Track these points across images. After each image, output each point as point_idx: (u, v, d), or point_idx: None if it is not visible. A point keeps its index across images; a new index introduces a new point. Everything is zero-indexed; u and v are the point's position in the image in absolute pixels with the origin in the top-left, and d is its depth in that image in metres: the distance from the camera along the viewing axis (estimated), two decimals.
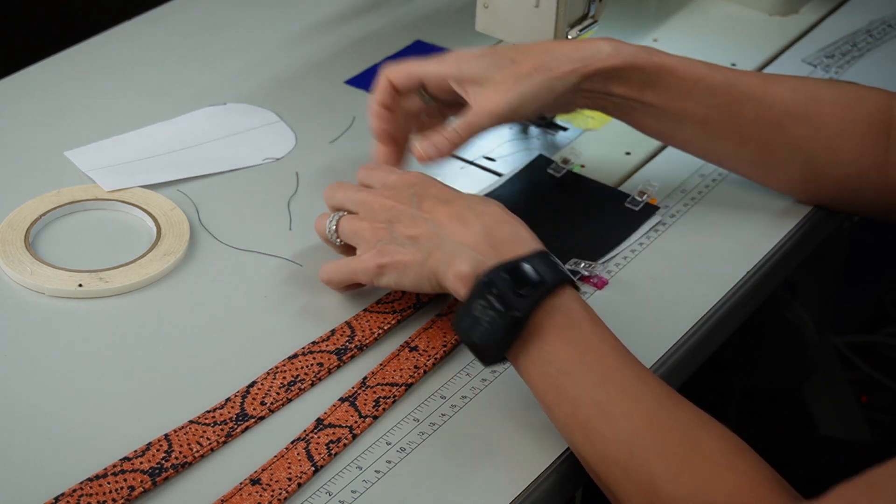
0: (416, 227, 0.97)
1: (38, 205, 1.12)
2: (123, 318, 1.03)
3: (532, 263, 0.91)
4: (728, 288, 1.07)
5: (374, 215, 1.00)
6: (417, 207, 0.98)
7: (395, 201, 1.00)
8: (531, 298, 0.90)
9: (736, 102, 1.08)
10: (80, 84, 1.31)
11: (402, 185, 1.01)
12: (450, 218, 0.96)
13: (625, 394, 0.87)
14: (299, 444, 0.91)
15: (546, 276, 0.91)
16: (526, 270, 0.91)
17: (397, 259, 0.97)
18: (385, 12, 1.44)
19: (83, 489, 0.87)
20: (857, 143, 1.07)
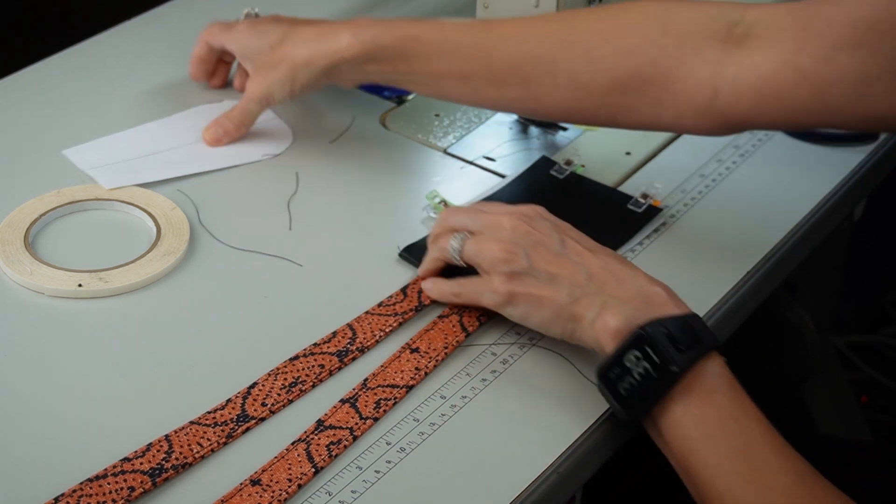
0: (562, 267, 0.96)
1: (38, 205, 1.12)
2: (123, 318, 1.02)
3: (690, 322, 0.91)
4: (728, 288, 1.07)
5: (506, 237, 0.98)
6: (562, 245, 0.97)
7: (533, 228, 0.98)
8: (689, 355, 0.89)
9: (486, 53, 1.08)
10: (80, 84, 1.31)
11: (535, 216, 0.99)
12: (603, 269, 0.95)
13: (766, 466, 0.86)
14: (300, 445, 0.91)
15: (703, 336, 0.90)
16: (685, 328, 0.90)
17: (533, 292, 0.96)
18: (385, 12, 1.44)
19: (83, 489, 0.87)
20: (620, 47, 1.03)
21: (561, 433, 0.93)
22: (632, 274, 0.95)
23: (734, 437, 0.87)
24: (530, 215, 0.99)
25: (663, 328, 0.90)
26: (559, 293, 0.95)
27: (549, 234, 0.97)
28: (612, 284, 0.94)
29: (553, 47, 1.05)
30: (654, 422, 0.91)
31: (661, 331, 0.90)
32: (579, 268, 0.95)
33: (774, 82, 0.97)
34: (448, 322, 1.02)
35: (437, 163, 1.22)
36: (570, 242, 0.97)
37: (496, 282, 0.97)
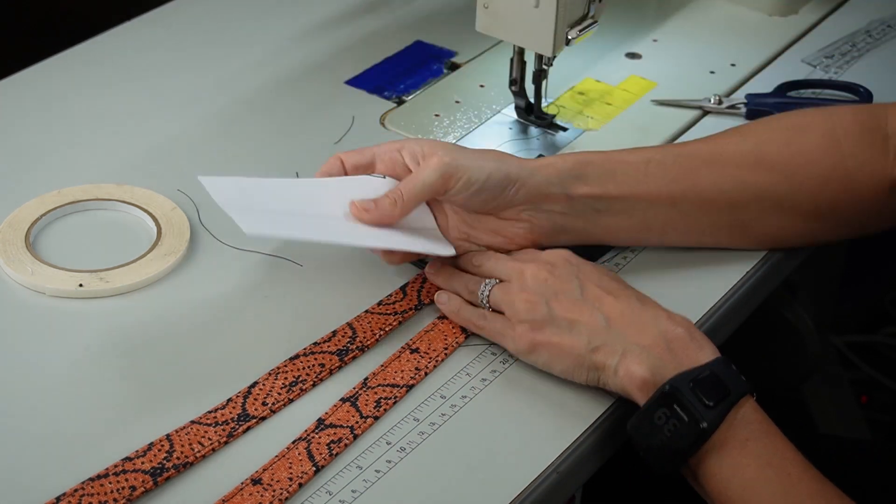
0: (580, 313, 0.95)
1: (39, 205, 1.12)
2: (123, 318, 1.03)
3: (717, 372, 0.90)
4: (728, 288, 1.07)
5: (529, 286, 0.97)
6: (581, 290, 0.96)
7: (553, 276, 0.97)
8: (719, 410, 0.88)
9: (691, 172, 1.06)
10: (81, 84, 1.31)
11: (559, 261, 0.99)
12: (622, 315, 0.94)
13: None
14: (300, 444, 0.92)
15: (732, 386, 0.89)
16: (712, 380, 0.89)
17: (554, 341, 0.95)
18: (385, 12, 1.44)
19: (84, 489, 0.87)
20: (816, 171, 1.06)
21: (561, 433, 0.93)
22: (652, 316, 0.94)
23: (772, 484, 0.87)
24: (554, 262, 0.99)
25: (690, 382, 0.89)
26: (578, 341, 0.94)
27: (570, 280, 0.97)
28: (633, 330, 0.93)
29: (754, 172, 1.06)
30: (691, 471, 0.91)
31: (687, 386, 0.89)
32: (597, 313, 0.94)
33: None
34: (448, 324, 1.02)
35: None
36: (589, 287, 0.96)
37: (519, 330, 0.97)
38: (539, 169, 1.03)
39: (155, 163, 1.20)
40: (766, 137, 1.07)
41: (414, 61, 1.36)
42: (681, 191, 1.05)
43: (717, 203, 1.06)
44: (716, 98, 1.28)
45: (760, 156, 1.06)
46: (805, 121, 1.08)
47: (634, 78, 1.34)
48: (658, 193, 1.05)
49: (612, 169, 1.05)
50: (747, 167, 1.06)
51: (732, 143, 1.07)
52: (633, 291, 0.97)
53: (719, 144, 1.08)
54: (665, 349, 0.92)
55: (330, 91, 1.31)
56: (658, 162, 1.05)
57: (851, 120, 1.07)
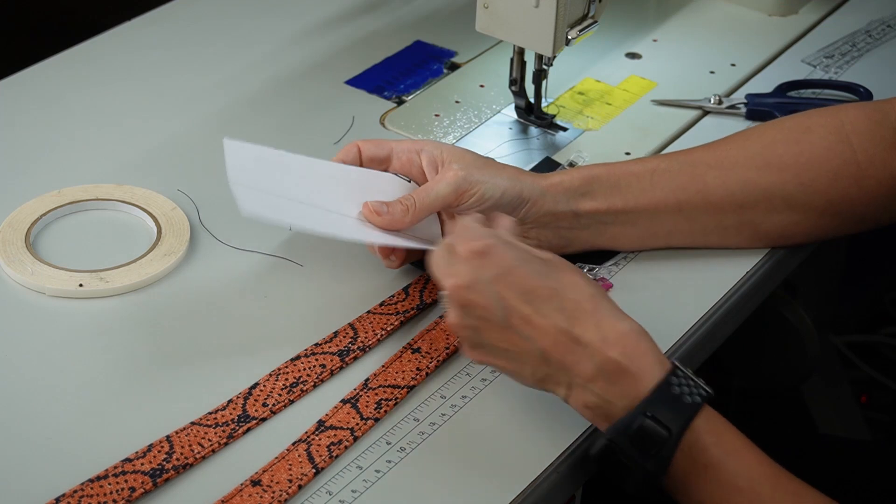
0: (513, 343, 0.90)
1: (39, 205, 1.12)
2: (123, 318, 1.03)
3: (657, 413, 0.86)
4: (728, 288, 1.07)
5: (454, 306, 0.91)
6: (504, 314, 0.89)
7: (472, 297, 0.89)
8: (660, 458, 0.86)
9: (698, 177, 1.06)
10: (81, 84, 1.31)
11: (477, 271, 0.90)
12: (556, 346, 0.88)
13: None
14: (300, 445, 0.92)
15: (672, 425, 0.86)
16: (651, 429, 0.86)
17: (498, 365, 0.92)
18: (385, 12, 1.44)
19: (84, 490, 0.87)
20: (825, 168, 1.06)
21: (561, 433, 0.93)
22: (585, 346, 0.88)
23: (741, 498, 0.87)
24: (469, 284, 0.90)
25: (626, 440, 0.86)
26: (523, 370, 0.91)
27: (490, 301, 0.89)
28: (571, 361, 0.88)
29: (762, 172, 1.06)
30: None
31: (625, 444, 0.86)
32: (531, 344, 0.89)
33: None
34: None
35: None
36: (512, 308, 0.89)
37: (466, 351, 0.93)
38: (549, 188, 1.04)
39: (155, 163, 1.20)
40: (771, 139, 1.08)
41: (414, 61, 1.36)
42: (687, 197, 1.06)
43: (725, 205, 1.06)
44: (716, 98, 1.28)
45: (768, 156, 1.07)
46: (810, 121, 1.09)
47: (634, 78, 1.34)
48: (665, 201, 1.06)
49: (617, 182, 1.05)
50: (755, 168, 1.06)
51: (737, 147, 1.08)
52: (556, 297, 0.89)
53: (724, 149, 1.08)
54: (606, 382, 0.88)
55: (330, 91, 1.31)
56: (663, 171, 1.06)
57: (858, 115, 1.08)
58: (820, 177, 1.06)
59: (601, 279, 1.07)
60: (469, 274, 0.90)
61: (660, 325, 1.03)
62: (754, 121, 1.27)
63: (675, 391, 0.87)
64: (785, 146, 1.07)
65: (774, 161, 1.06)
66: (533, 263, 0.90)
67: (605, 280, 1.07)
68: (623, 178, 1.06)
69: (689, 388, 0.87)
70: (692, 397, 0.87)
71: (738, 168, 1.06)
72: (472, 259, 0.90)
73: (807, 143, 1.07)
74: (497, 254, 0.90)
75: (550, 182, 1.04)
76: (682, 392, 0.87)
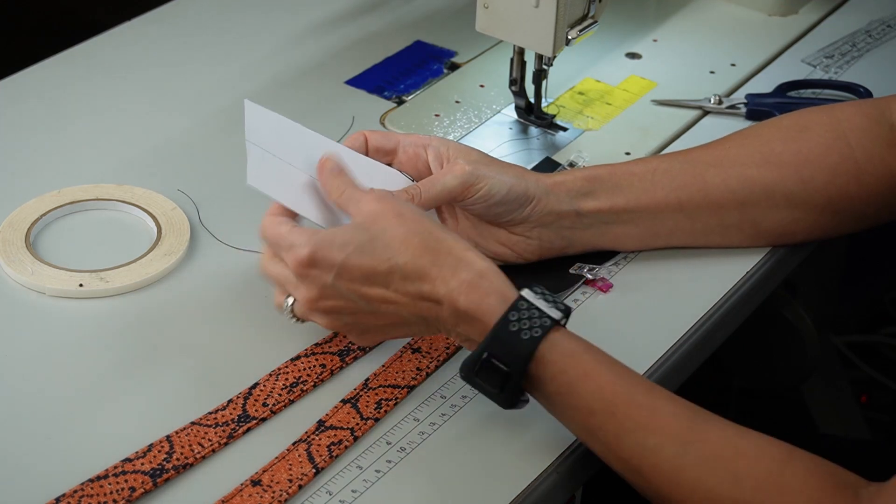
0: (387, 318, 0.93)
1: (39, 205, 1.12)
2: (123, 318, 1.03)
3: (495, 352, 0.88)
4: (728, 288, 1.07)
5: (321, 314, 0.95)
6: (365, 303, 0.92)
7: (330, 301, 0.93)
8: (508, 393, 0.89)
9: (699, 176, 1.07)
10: (81, 84, 1.31)
11: (317, 280, 0.93)
12: (416, 306, 0.92)
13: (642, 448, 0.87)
14: (301, 445, 0.92)
15: (512, 362, 0.88)
16: (492, 368, 0.89)
17: (393, 335, 0.96)
18: (385, 12, 1.44)
19: (84, 490, 0.87)
20: (823, 165, 1.07)
21: (561, 433, 0.93)
22: (439, 296, 0.90)
23: (602, 430, 0.88)
24: (319, 295, 0.93)
25: (477, 378, 0.90)
26: (411, 329, 0.94)
27: (347, 299, 0.93)
28: (435, 316, 0.91)
29: (762, 169, 1.07)
30: None
31: (477, 382, 0.90)
32: (401, 313, 0.92)
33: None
34: None
35: None
36: (368, 296, 0.92)
37: (355, 339, 0.97)
38: (553, 188, 1.04)
39: (155, 163, 1.20)
40: (769, 137, 1.08)
41: (414, 61, 1.36)
42: (688, 195, 1.06)
43: (726, 203, 1.07)
44: (716, 98, 1.28)
45: (766, 154, 1.07)
46: (807, 119, 1.09)
47: (634, 78, 1.34)
48: (666, 200, 1.06)
49: (618, 182, 1.06)
50: (754, 165, 1.07)
51: (736, 145, 1.08)
52: (394, 269, 0.91)
53: (723, 147, 1.09)
54: (465, 325, 0.90)
55: (330, 91, 1.31)
56: (664, 170, 1.06)
57: (855, 113, 1.08)
58: (819, 174, 1.07)
59: (601, 279, 1.07)
60: (312, 286, 0.93)
61: (660, 325, 1.03)
62: (754, 121, 1.27)
63: (512, 328, 0.88)
64: (783, 144, 1.07)
65: (773, 158, 1.07)
66: (358, 243, 0.92)
67: (606, 280, 1.07)
68: (624, 178, 1.06)
69: (531, 321, 0.88)
70: (531, 331, 0.88)
71: (737, 166, 1.07)
72: (305, 269, 0.92)
73: (804, 141, 1.07)
74: (322, 255, 0.92)
75: (554, 181, 1.05)
76: (521, 328, 0.88)
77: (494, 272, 0.91)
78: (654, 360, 1.00)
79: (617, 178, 1.06)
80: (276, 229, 0.95)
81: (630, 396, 0.88)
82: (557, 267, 1.07)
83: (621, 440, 0.87)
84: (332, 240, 0.92)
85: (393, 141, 1.05)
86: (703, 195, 1.06)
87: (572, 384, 0.88)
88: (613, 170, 1.07)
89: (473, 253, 0.92)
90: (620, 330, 1.03)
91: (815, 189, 1.07)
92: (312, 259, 0.92)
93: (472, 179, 1.01)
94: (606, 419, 0.87)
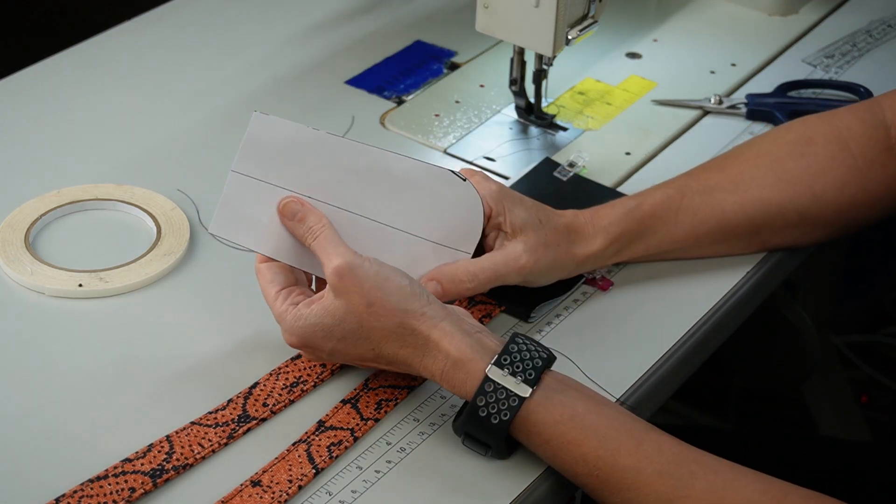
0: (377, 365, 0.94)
1: (39, 205, 1.12)
2: (123, 318, 1.03)
3: (471, 432, 0.91)
4: (728, 288, 1.07)
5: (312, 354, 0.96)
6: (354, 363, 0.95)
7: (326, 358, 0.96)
8: (497, 453, 0.91)
9: (717, 207, 1.07)
10: (80, 84, 1.31)
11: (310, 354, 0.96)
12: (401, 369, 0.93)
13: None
14: (300, 446, 0.91)
15: (491, 441, 0.90)
16: (473, 441, 0.91)
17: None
18: (385, 12, 1.44)
19: (84, 490, 0.87)
20: (832, 178, 1.07)
21: None
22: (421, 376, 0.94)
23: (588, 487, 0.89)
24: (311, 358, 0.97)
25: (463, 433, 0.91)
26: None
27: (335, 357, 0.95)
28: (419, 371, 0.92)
29: (776, 189, 1.07)
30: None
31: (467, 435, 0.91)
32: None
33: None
34: None
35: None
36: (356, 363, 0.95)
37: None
38: (585, 261, 1.04)
39: (155, 163, 1.20)
40: (779, 154, 1.08)
41: (414, 61, 1.36)
42: (707, 230, 1.07)
43: (741, 228, 1.07)
44: (716, 98, 1.28)
45: (780, 172, 1.07)
46: (812, 130, 1.09)
47: (634, 78, 1.34)
48: (685, 238, 1.07)
49: (643, 231, 1.06)
50: (769, 186, 1.07)
51: (750, 166, 1.08)
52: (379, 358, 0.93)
53: (738, 169, 1.08)
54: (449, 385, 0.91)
55: (330, 91, 1.31)
56: (685, 209, 1.06)
57: (852, 119, 1.09)
58: (829, 187, 1.07)
59: (601, 278, 1.07)
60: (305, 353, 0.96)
61: (660, 326, 1.03)
62: (755, 121, 1.27)
63: (481, 413, 0.89)
64: (794, 161, 1.08)
65: (786, 176, 1.07)
66: (341, 337, 0.92)
67: (606, 279, 1.07)
68: (649, 224, 1.06)
69: (499, 404, 0.89)
70: (500, 415, 0.88)
71: (752, 189, 1.07)
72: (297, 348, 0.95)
73: (812, 155, 1.08)
74: (311, 342, 0.93)
75: (587, 254, 1.04)
76: (489, 412, 0.89)
77: (470, 354, 0.90)
78: (653, 361, 1.00)
79: (643, 228, 1.06)
80: (267, 291, 0.96)
81: (614, 460, 0.87)
82: None
83: (607, 498, 0.88)
84: (315, 327, 0.92)
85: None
86: (721, 227, 1.07)
87: (555, 452, 0.89)
88: (641, 216, 1.05)
89: (449, 336, 0.91)
90: (621, 330, 1.03)
91: (826, 203, 1.07)
92: (302, 345, 0.94)
93: (532, 278, 1.01)
94: (591, 480, 0.88)
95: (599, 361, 0.94)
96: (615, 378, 0.97)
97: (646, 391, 0.98)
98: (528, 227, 1.01)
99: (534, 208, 1.02)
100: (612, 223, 1.05)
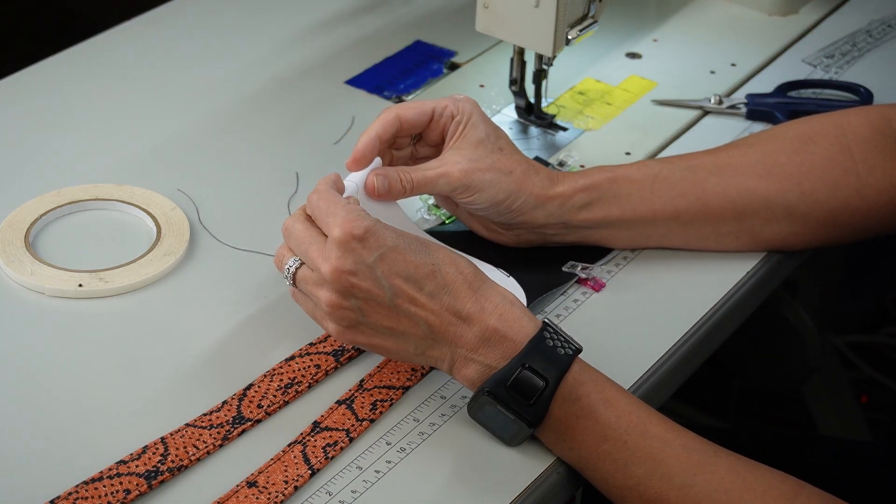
0: (398, 322, 0.92)
1: (38, 205, 1.12)
2: (123, 318, 1.03)
3: (533, 364, 0.90)
4: (728, 288, 1.07)
5: (334, 290, 0.92)
6: (392, 296, 0.91)
7: (358, 280, 0.91)
8: (538, 406, 0.90)
9: (699, 184, 1.06)
10: (80, 84, 1.31)
11: (359, 256, 0.90)
12: (440, 320, 0.92)
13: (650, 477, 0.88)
14: (296, 447, 0.91)
15: (549, 374, 0.90)
16: (528, 379, 0.90)
17: (376, 343, 0.94)
18: (385, 12, 1.44)
19: (79, 492, 0.87)
20: (825, 178, 1.07)
21: None
22: (468, 313, 0.91)
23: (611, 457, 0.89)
24: (353, 269, 0.91)
25: (505, 389, 0.90)
26: (406, 346, 0.93)
27: (377, 285, 0.91)
28: (454, 335, 0.92)
29: (763, 180, 1.07)
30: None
31: (505, 392, 0.90)
32: (417, 322, 0.92)
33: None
34: None
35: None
36: (399, 290, 0.91)
37: (331, 328, 0.94)
38: (545, 201, 1.04)
39: (155, 163, 1.20)
40: (774, 147, 1.08)
41: (414, 61, 1.36)
42: (686, 204, 1.06)
43: (724, 213, 1.07)
44: (716, 98, 1.28)
45: (769, 165, 1.07)
46: (813, 130, 1.09)
47: (634, 78, 1.34)
48: (662, 209, 1.06)
49: (616, 192, 1.05)
50: (756, 175, 1.06)
51: (740, 153, 1.08)
52: (436, 273, 0.92)
53: (726, 154, 1.08)
54: (487, 348, 0.91)
55: (330, 91, 1.31)
56: (664, 178, 1.06)
57: (861, 123, 1.08)
58: (820, 187, 1.06)
59: (594, 279, 1.07)
60: (351, 258, 0.91)
61: (660, 326, 1.03)
62: (755, 121, 1.27)
63: (548, 344, 0.91)
64: (787, 156, 1.07)
65: (776, 170, 1.06)
66: (410, 241, 0.92)
67: (599, 280, 1.07)
68: (623, 187, 1.06)
69: (562, 343, 0.91)
70: (565, 350, 0.91)
71: (738, 175, 1.06)
72: (351, 242, 0.90)
73: (808, 154, 1.07)
74: (377, 233, 0.91)
75: (549, 196, 1.04)
76: (556, 345, 0.91)
77: (518, 303, 0.93)
78: (653, 362, 1.00)
79: (616, 188, 1.05)
80: (332, 196, 0.94)
81: (644, 427, 0.89)
82: (549, 263, 1.07)
83: (629, 469, 0.88)
84: (387, 226, 0.92)
85: (426, 112, 1.03)
86: (701, 204, 1.06)
87: (593, 408, 0.89)
88: (614, 176, 1.06)
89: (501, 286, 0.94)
90: (620, 332, 1.03)
91: (816, 202, 1.07)
92: (367, 233, 0.91)
93: (461, 189, 1.01)
94: (617, 447, 0.89)
95: (599, 362, 0.94)
96: (615, 378, 0.96)
97: (646, 391, 0.98)
98: (480, 145, 1.02)
99: (497, 137, 1.03)
100: (583, 175, 1.06)
